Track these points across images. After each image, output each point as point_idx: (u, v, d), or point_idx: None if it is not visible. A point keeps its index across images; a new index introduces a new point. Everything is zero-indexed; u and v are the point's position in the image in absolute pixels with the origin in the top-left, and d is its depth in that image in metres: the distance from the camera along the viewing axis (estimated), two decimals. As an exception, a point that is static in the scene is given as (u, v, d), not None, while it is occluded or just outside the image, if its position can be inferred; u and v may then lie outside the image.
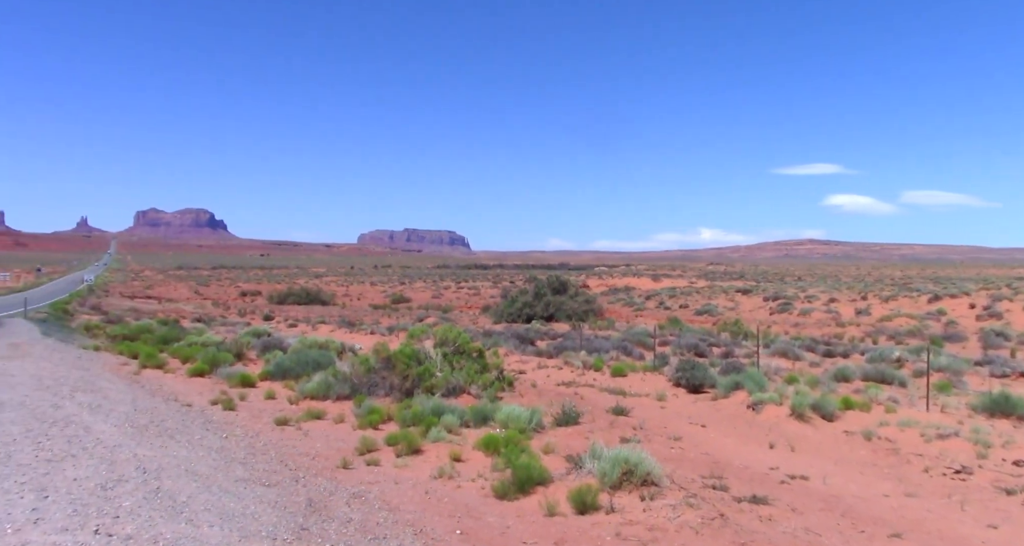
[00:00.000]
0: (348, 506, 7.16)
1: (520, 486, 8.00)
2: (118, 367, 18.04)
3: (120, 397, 12.60)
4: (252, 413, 12.86)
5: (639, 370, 21.50)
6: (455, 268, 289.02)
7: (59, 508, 5.64)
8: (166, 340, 25.08)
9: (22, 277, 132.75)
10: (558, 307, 55.04)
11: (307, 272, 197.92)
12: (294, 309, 72.33)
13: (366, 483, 8.26)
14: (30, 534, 5.01)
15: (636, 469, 8.06)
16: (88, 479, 6.62)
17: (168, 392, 14.52)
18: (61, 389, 12.49)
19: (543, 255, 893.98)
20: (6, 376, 13.38)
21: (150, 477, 7.00)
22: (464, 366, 16.09)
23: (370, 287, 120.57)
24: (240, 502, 6.66)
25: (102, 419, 10.11)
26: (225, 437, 10.46)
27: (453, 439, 10.87)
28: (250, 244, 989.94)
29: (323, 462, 9.30)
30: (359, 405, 13.26)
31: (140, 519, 5.57)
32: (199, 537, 5.37)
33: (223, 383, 16.23)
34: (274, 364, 17.93)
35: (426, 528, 6.69)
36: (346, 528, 6.40)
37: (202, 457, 8.70)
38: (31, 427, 8.84)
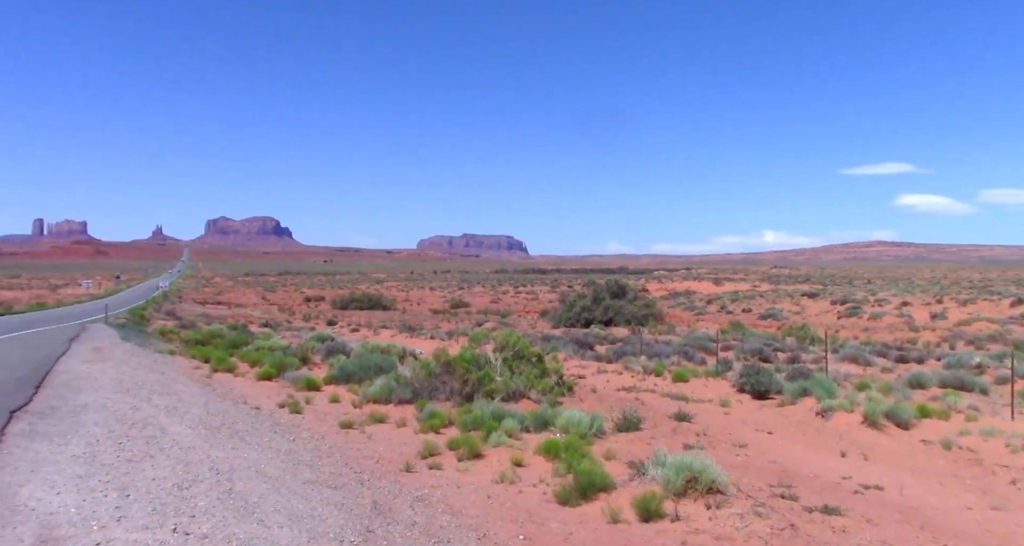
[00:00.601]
0: (412, 509, 7.24)
1: (582, 492, 7.94)
2: (191, 371, 18.71)
3: (194, 400, 13.06)
4: (317, 416, 13.15)
5: (701, 375, 21.11)
6: (513, 273, 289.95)
7: (140, 507, 5.87)
8: (235, 345, 25.92)
9: (103, 284, 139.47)
10: (617, 311, 54.57)
11: (368, 278, 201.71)
12: (356, 314, 73.79)
13: (429, 487, 8.33)
14: (114, 531, 5.23)
15: (701, 476, 7.90)
16: (166, 479, 6.88)
17: (238, 395, 14.98)
18: (140, 392, 13.02)
19: (601, 259, 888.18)
20: (90, 379, 14.03)
21: (223, 478, 7.22)
22: (524, 371, 16.10)
23: (429, 292, 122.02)
24: (308, 504, 6.81)
25: (177, 421, 10.49)
26: (292, 440, 10.73)
27: (514, 444, 10.88)
28: (314, 250, 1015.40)
29: (386, 465, 9.43)
30: (421, 409, 13.41)
31: (215, 519, 5.75)
32: (270, 537, 5.50)
33: (290, 387, 16.65)
34: (338, 368, 18.31)
35: (489, 533, 6.71)
36: (411, 531, 6.47)
37: (271, 459, 8.93)
38: (113, 428, 9.24)
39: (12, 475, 6.60)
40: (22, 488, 6.18)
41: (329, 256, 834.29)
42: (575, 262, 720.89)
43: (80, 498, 6.00)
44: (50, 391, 12.15)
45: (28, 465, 7.00)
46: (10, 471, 6.74)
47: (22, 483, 6.34)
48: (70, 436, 8.55)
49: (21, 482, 6.37)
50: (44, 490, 6.17)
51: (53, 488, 6.26)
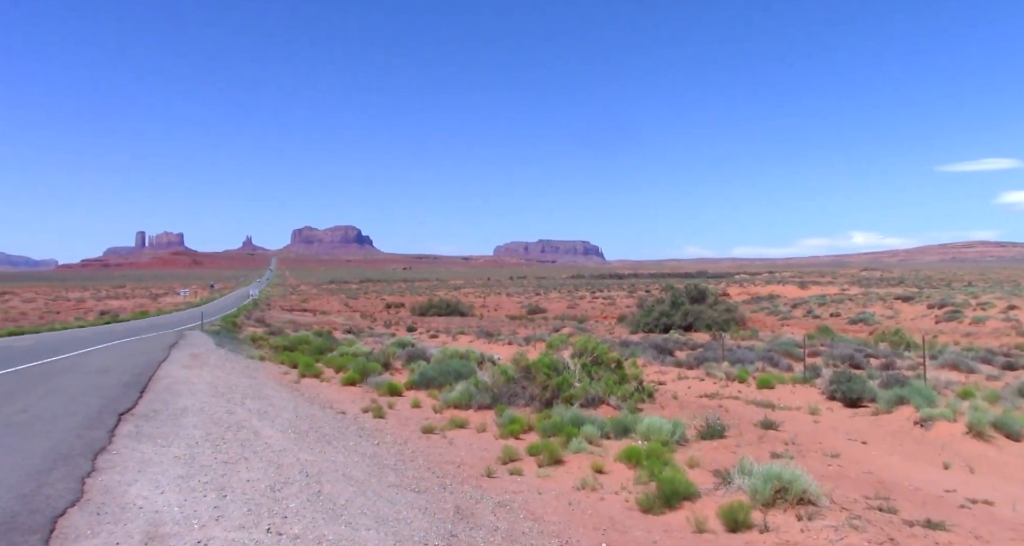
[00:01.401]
0: (494, 515, 7.27)
1: (666, 500, 7.79)
2: (280, 376, 19.44)
3: (283, 404, 13.56)
4: (400, 421, 13.42)
5: (788, 382, 20.40)
6: (589, 278, 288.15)
7: (236, 507, 6.13)
8: (321, 351, 26.79)
9: (198, 293, 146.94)
10: (697, 316, 53.42)
11: (446, 284, 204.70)
12: (435, 320, 75.00)
13: (510, 492, 8.36)
14: (214, 530, 5.48)
15: (791, 486, 7.62)
16: (259, 481, 7.16)
17: (324, 400, 15.46)
18: (233, 396, 13.62)
19: (679, 263, 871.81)
20: (188, 384, 14.78)
21: (312, 481, 7.46)
22: (602, 377, 15.96)
23: (506, 298, 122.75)
24: (393, 507, 6.94)
25: (268, 424, 10.91)
26: (377, 444, 10.98)
27: (594, 450, 10.79)
28: (393, 258, 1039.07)
29: (468, 470, 9.52)
30: (500, 415, 13.48)
31: (305, 520, 5.94)
32: (357, 540, 5.64)
33: (373, 392, 17.07)
34: (418, 374, 18.64)
35: (572, 540, 6.67)
36: (493, 537, 6.50)
37: (357, 462, 9.17)
38: (210, 431, 9.69)
39: (122, 474, 7.01)
40: (130, 487, 6.56)
41: (408, 263, 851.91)
42: (652, 267, 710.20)
43: (182, 498, 6.32)
44: (153, 395, 12.86)
45: (135, 465, 7.42)
46: (120, 470, 7.16)
47: (130, 482, 6.73)
48: (172, 438, 9.02)
49: (130, 481, 6.77)
50: (150, 489, 6.53)
51: (158, 488, 6.61)
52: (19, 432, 9.06)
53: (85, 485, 6.53)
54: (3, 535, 5.12)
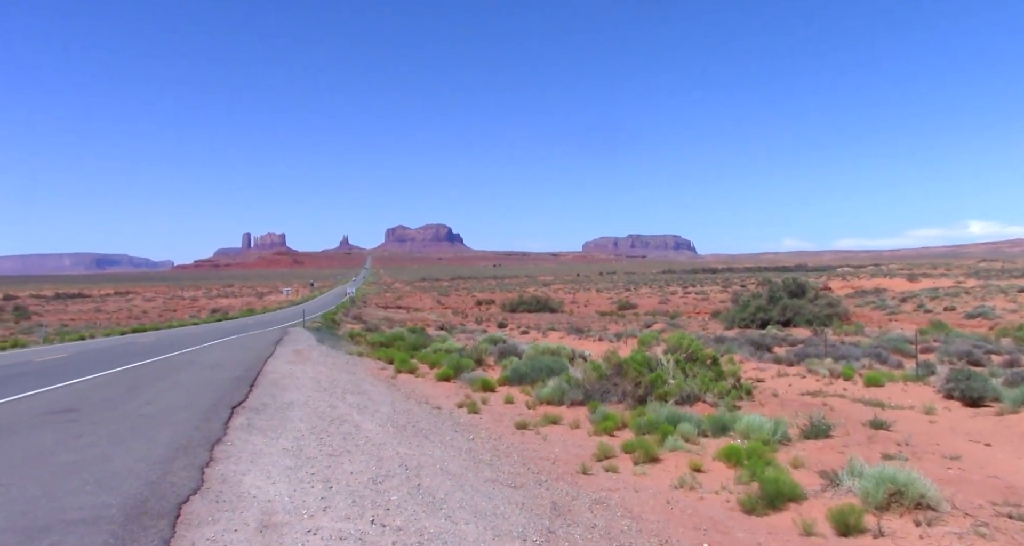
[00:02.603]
0: (591, 512, 7.23)
1: (770, 501, 7.52)
2: (378, 371, 20.04)
3: (381, 399, 13.97)
4: (494, 417, 13.55)
5: (898, 380, 19.29)
6: (681, 273, 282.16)
7: (341, 498, 6.36)
8: (415, 347, 27.46)
9: (300, 291, 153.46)
10: (796, 311, 51.35)
11: (536, 280, 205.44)
12: (525, 316, 75.38)
13: (606, 489, 8.29)
14: (321, 520, 5.71)
15: (907, 490, 7.19)
16: (362, 473, 7.40)
17: (420, 395, 15.82)
18: (335, 390, 14.15)
19: (777, 257, 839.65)
20: (293, 379, 15.47)
21: (411, 474, 7.64)
22: (698, 373, 15.58)
23: (596, 294, 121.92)
24: (490, 502, 7.02)
25: (368, 419, 11.26)
26: (472, 439, 11.13)
27: (691, 448, 10.56)
28: (483, 255, 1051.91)
29: (563, 467, 9.50)
30: (593, 411, 13.40)
31: (406, 513, 6.09)
32: (457, 533, 5.73)
33: (467, 387, 17.32)
34: (511, 370, 18.78)
35: (671, 539, 6.54)
36: (591, 534, 6.46)
37: (453, 457, 9.32)
38: (314, 424, 10.10)
39: (236, 464, 7.41)
40: (245, 477, 6.92)
41: (498, 260, 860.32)
42: (747, 261, 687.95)
43: (291, 488, 6.61)
44: (261, 389, 13.53)
45: (248, 456, 7.83)
46: (235, 461, 7.57)
47: (244, 472, 7.10)
48: (280, 431, 9.46)
49: (244, 471, 7.14)
50: (262, 479, 6.87)
51: (269, 478, 6.94)
52: (146, 423, 9.74)
53: (204, 474, 6.93)
54: (136, 519, 5.51)
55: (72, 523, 5.35)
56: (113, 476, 6.77)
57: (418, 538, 5.43)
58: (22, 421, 10.08)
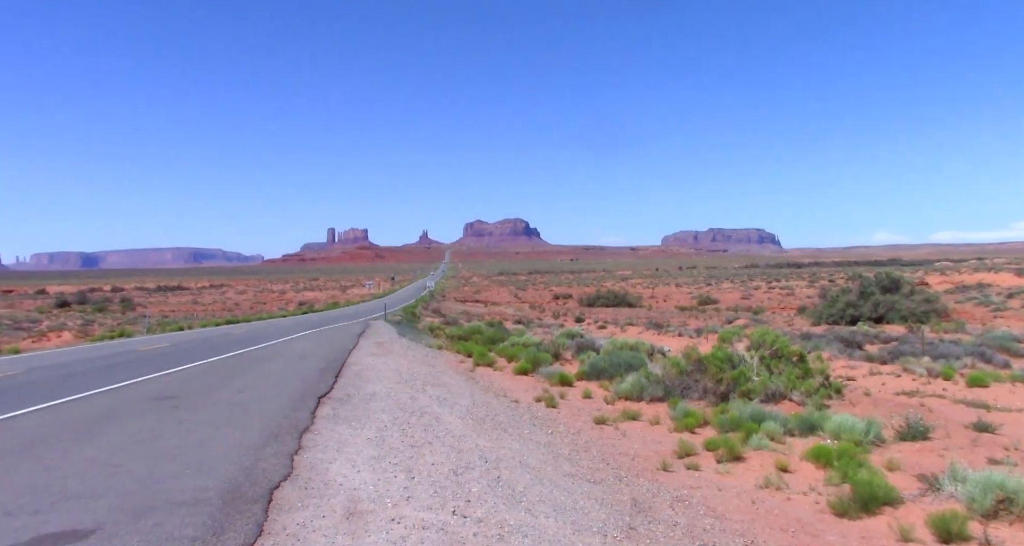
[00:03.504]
0: (672, 509, 7.11)
1: (863, 504, 7.19)
2: (457, 364, 20.32)
3: (460, 391, 14.16)
4: (572, 411, 13.52)
5: (1005, 380, 18.11)
6: (765, 267, 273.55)
7: (423, 489, 6.48)
8: (493, 340, 27.69)
9: (381, 285, 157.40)
10: (889, 307, 48.94)
11: (613, 275, 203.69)
12: (603, 311, 74.86)
13: (688, 487, 8.13)
14: (405, 509, 5.84)
15: (1016, 497, 6.74)
16: (442, 465, 7.52)
17: (498, 388, 15.94)
18: (415, 383, 14.44)
19: (868, 250, 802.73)
20: (375, 371, 15.88)
21: (491, 466, 7.71)
22: (783, 371, 15.08)
23: (675, 289, 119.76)
24: (570, 496, 7.00)
25: (448, 411, 11.44)
26: (550, 433, 11.14)
27: (777, 448, 10.23)
28: (561, 250, 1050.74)
29: (643, 463, 9.38)
30: (673, 408, 13.17)
31: (487, 505, 6.15)
32: (537, 526, 5.75)
33: (544, 382, 17.34)
34: (588, 364, 18.68)
35: (757, 540, 6.36)
36: (673, 531, 6.35)
37: (532, 451, 9.35)
38: (396, 416, 10.34)
39: (323, 453, 7.67)
40: (331, 465, 7.16)
41: (575, 255, 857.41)
42: (836, 254, 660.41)
43: (375, 477, 6.79)
44: (346, 380, 13.95)
45: (335, 445, 8.09)
46: (321, 449, 7.84)
47: (331, 461, 7.34)
48: (364, 421, 9.72)
49: (330, 460, 7.38)
50: (348, 468, 7.08)
51: (354, 467, 7.15)
52: (239, 411, 10.20)
53: (294, 462, 7.21)
54: (232, 502, 5.78)
55: (175, 504, 5.66)
56: (210, 461, 7.12)
57: (498, 530, 5.47)
58: (130, 406, 10.75)
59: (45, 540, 4.89)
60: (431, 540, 5.10)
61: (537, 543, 5.30)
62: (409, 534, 5.20)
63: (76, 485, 6.27)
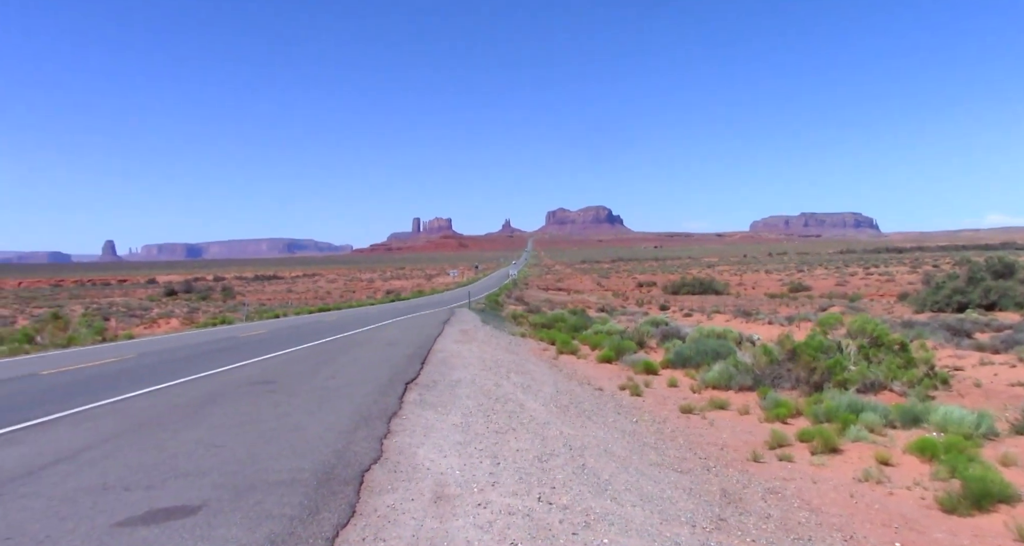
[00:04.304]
0: (764, 501, 6.89)
1: (975, 501, 6.76)
2: (540, 352, 20.37)
3: (544, 379, 14.18)
4: (657, 400, 13.32)
5: None
6: (862, 253, 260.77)
7: (508, 474, 6.52)
8: (576, 328, 27.59)
9: (465, 273, 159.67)
10: (1002, 293, 45.78)
11: (699, 262, 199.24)
12: (688, 299, 73.36)
13: (780, 479, 7.87)
14: (490, 494, 5.89)
15: None
16: (527, 451, 7.54)
17: (582, 376, 15.88)
18: (499, 370, 14.55)
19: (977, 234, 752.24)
20: (460, 358, 16.11)
21: (575, 454, 7.68)
22: (883, 360, 14.36)
23: (765, 275, 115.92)
24: (657, 486, 6.89)
25: (532, 398, 11.47)
26: (635, 421, 11.01)
27: (877, 440, 9.75)
28: (644, 237, 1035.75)
29: (732, 453, 9.14)
30: (764, 397, 12.77)
31: (572, 492, 6.12)
32: (623, 515, 5.68)
33: (629, 370, 17.16)
34: (674, 353, 18.35)
35: (857, 535, 6.08)
36: (765, 524, 6.15)
37: (617, 439, 9.27)
38: (481, 402, 10.45)
39: (411, 437, 7.84)
40: (419, 449, 7.30)
41: (659, 242, 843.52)
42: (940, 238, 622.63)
43: (462, 462, 6.88)
44: (432, 367, 14.21)
45: (421, 430, 8.25)
46: (409, 434, 8.01)
47: (419, 445, 7.49)
48: (449, 407, 9.88)
49: (418, 444, 7.54)
50: (435, 453, 7.21)
51: (441, 452, 7.27)
52: (331, 395, 10.57)
53: (383, 445, 7.40)
54: (326, 483, 5.99)
55: (273, 484, 5.92)
56: (305, 443, 7.40)
57: (584, 518, 5.44)
58: (231, 390, 11.32)
59: (158, 514, 5.20)
60: (517, 526, 5.12)
61: (624, 531, 5.24)
62: (496, 519, 5.24)
63: (184, 463, 6.65)
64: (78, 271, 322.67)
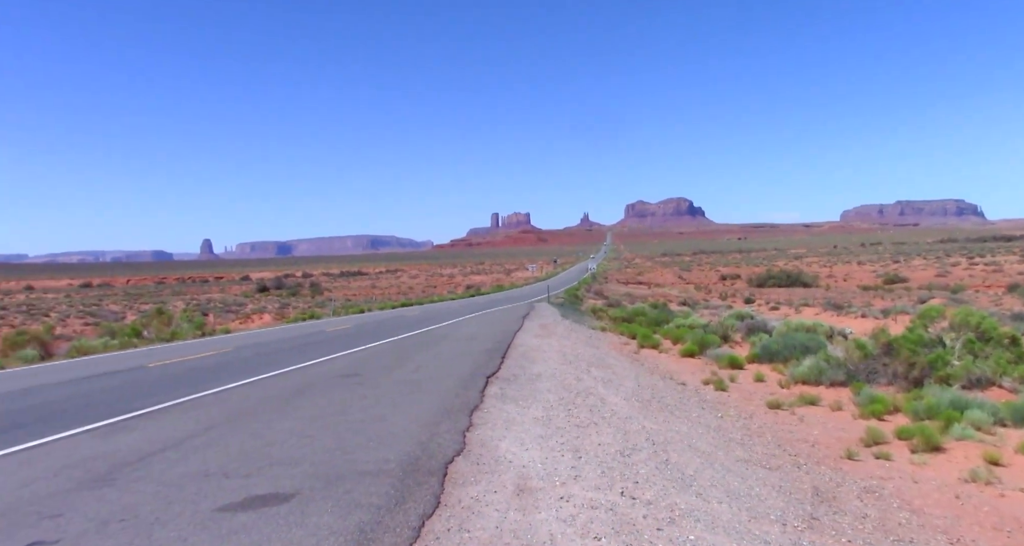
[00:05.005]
0: (860, 500, 6.60)
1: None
2: (620, 346, 20.17)
3: (625, 373, 14.03)
4: (743, 395, 12.96)
5: None
6: (964, 241, 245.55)
7: (590, 468, 6.49)
8: (657, 322, 27.18)
9: (544, 268, 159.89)
10: None
11: (786, 254, 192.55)
12: (775, 292, 70.99)
13: (878, 478, 7.52)
14: (573, 488, 5.88)
15: None
16: (609, 445, 7.48)
17: (663, 370, 15.63)
18: (579, 364, 14.50)
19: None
20: (540, 352, 16.14)
21: (658, 449, 7.57)
22: (991, 354, 13.49)
23: (857, 267, 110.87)
24: (744, 482, 6.71)
25: (613, 392, 11.37)
26: (720, 417, 10.76)
27: (984, 439, 9.20)
28: (727, 229, 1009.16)
29: (824, 450, 8.80)
30: (858, 393, 12.24)
31: (655, 487, 6.04)
32: (709, 511, 5.56)
33: (712, 364, 16.77)
34: (760, 347, 17.82)
35: (964, 539, 5.74)
36: (862, 524, 5.89)
37: (701, 434, 9.07)
38: (562, 396, 10.44)
39: (492, 430, 7.91)
40: (501, 442, 7.37)
41: (743, 233, 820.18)
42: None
43: (543, 455, 6.89)
44: (512, 361, 14.30)
45: (503, 423, 8.32)
46: (490, 427, 8.09)
47: (500, 438, 7.56)
48: (530, 401, 9.91)
49: (499, 437, 7.60)
50: (516, 446, 7.25)
51: (522, 445, 7.31)
52: (414, 388, 10.80)
53: (465, 438, 7.50)
54: (411, 474, 6.13)
55: (361, 474, 6.10)
56: (390, 434, 7.59)
57: (669, 513, 5.36)
58: (320, 382, 11.74)
59: (255, 501, 5.45)
60: (600, 520, 5.09)
61: (710, 528, 5.12)
62: (578, 513, 5.23)
63: (278, 453, 6.94)
64: (179, 269, 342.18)
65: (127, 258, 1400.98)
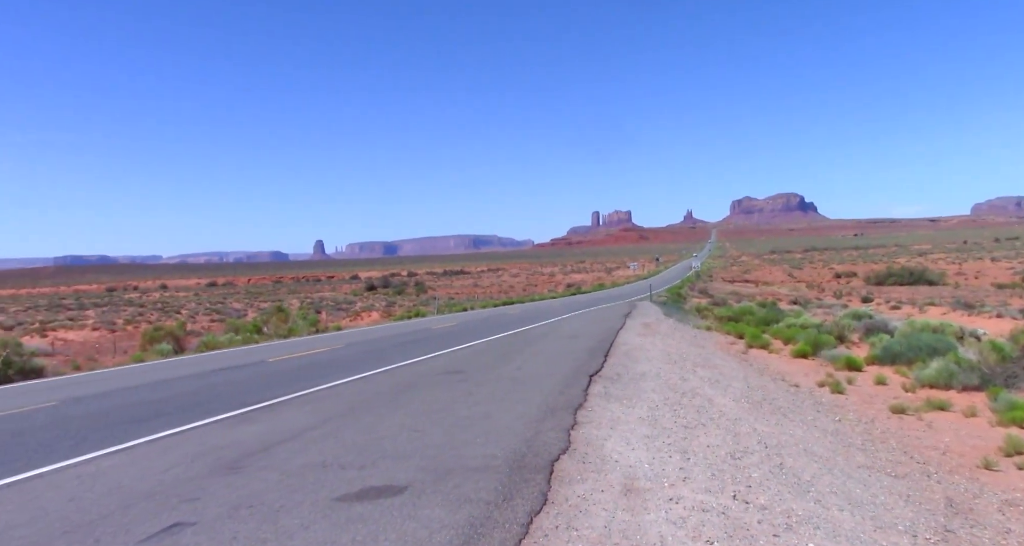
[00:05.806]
0: (1002, 514, 6.10)
1: None
2: (727, 346, 19.55)
3: (733, 374, 13.58)
4: (863, 398, 12.27)
5: None
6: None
7: (699, 470, 6.32)
8: (766, 322, 26.15)
9: (645, 266, 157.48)
10: None
11: (908, 250, 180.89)
12: (896, 290, 66.78)
13: (1021, 490, 6.91)
14: (682, 490, 5.75)
15: None
16: (718, 447, 7.27)
17: (774, 371, 15.02)
18: (684, 364, 14.16)
19: None
20: (643, 351, 15.89)
21: (772, 452, 7.28)
22: None
23: (991, 263, 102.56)
24: (867, 490, 6.34)
25: (720, 393, 11.03)
26: (838, 420, 10.23)
27: None
28: (841, 224, 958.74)
29: (957, 459, 8.19)
30: (994, 398, 11.30)
31: (770, 492, 5.81)
32: (830, 519, 5.29)
33: (828, 365, 15.97)
34: (881, 348, 16.81)
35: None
36: (1005, 539, 5.44)
37: (817, 438, 8.66)
38: (667, 396, 10.23)
39: (597, 429, 7.86)
40: (606, 442, 7.31)
41: (859, 229, 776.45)
42: None
43: (650, 456, 6.78)
44: (615, 360, 14.15)
45: (608, 422, 8.25)
46: (595, 426, 8.04)
47: (605, 437, 7.50)
48: (634, 400, 9.77)
49: (605, 436, 7.54)
50: (622, 445, 7.17)
51: (628, 444, 7.22)
52: (517, 386, 10.89)
53: (570, 436, 7.48)
54: (517, 471, 6.18)
55: (469, 469, 6.21)
56: (495, 431, 7.69)
57: (785, 519, 5.14)
58: (427, 379, 12.06)
59: (370, 492, 5.66)
60: (712, 523, 4.95)
61: (831, 536, 4.87)
62: (689, 515, 5.10)
63: (389, 446, 7.18)
64: (294, 269, 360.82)
65: (247, 258, 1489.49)
